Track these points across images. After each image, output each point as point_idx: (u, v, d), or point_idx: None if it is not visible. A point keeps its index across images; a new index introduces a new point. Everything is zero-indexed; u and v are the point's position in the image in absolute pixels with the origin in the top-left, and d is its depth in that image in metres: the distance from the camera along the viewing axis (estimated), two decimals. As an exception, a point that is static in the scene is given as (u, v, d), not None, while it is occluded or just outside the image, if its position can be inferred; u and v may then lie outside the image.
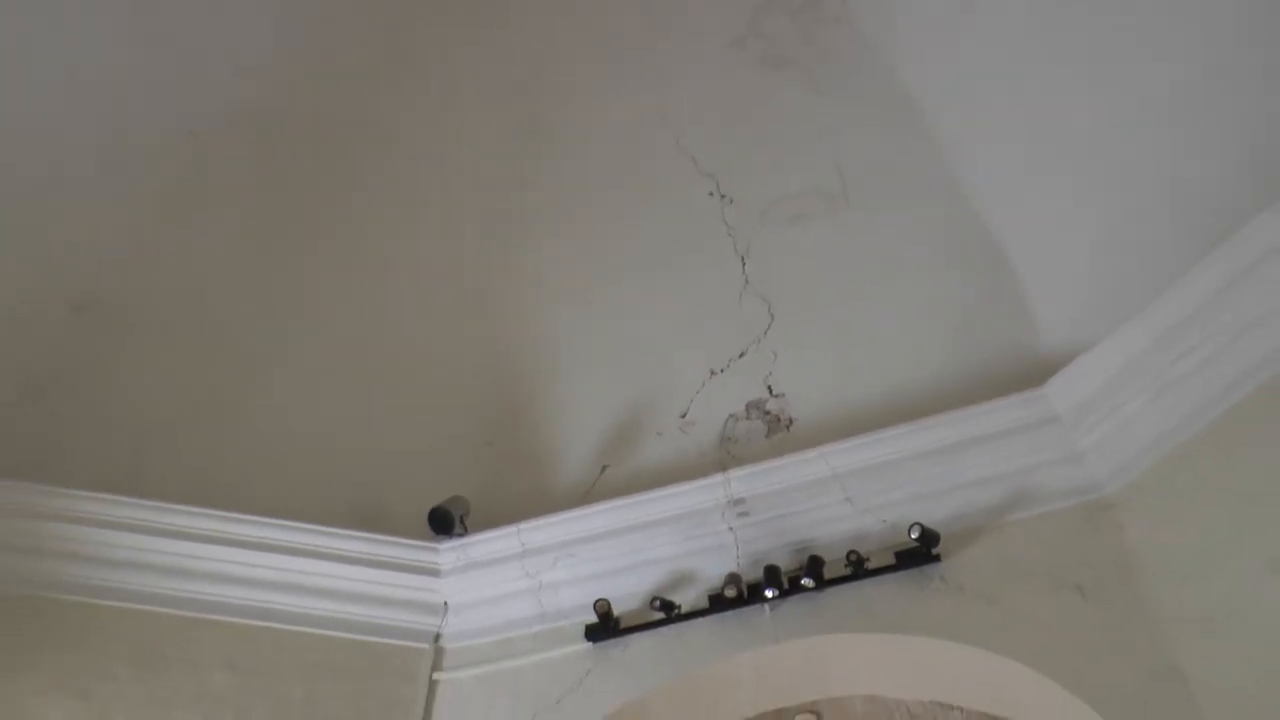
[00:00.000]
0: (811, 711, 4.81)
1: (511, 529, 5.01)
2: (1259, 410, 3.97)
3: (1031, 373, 4.57)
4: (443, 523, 5.00)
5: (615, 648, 4.70)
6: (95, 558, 4.86)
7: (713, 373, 5.38)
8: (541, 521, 5.00)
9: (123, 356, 5.24)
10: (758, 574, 4.55)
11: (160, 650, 4.74)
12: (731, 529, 4.77)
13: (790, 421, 5.11)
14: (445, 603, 5.03)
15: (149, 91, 5.00)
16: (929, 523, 4.38)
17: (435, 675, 4.86)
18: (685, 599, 4.70)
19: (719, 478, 4.83)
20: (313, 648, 4.84)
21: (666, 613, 4.63)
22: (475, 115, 5.82)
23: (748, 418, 5.21)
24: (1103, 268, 4.58)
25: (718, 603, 4.60)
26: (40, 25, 4.61)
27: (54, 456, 5.03)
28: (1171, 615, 3.94)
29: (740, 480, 4.80)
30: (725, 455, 5.09)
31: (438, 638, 4.98)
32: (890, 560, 4.44)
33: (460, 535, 5.06)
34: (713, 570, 4.73)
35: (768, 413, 5.18)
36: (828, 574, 4.48)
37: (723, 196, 5.63)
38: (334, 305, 5.65)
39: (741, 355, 5.37)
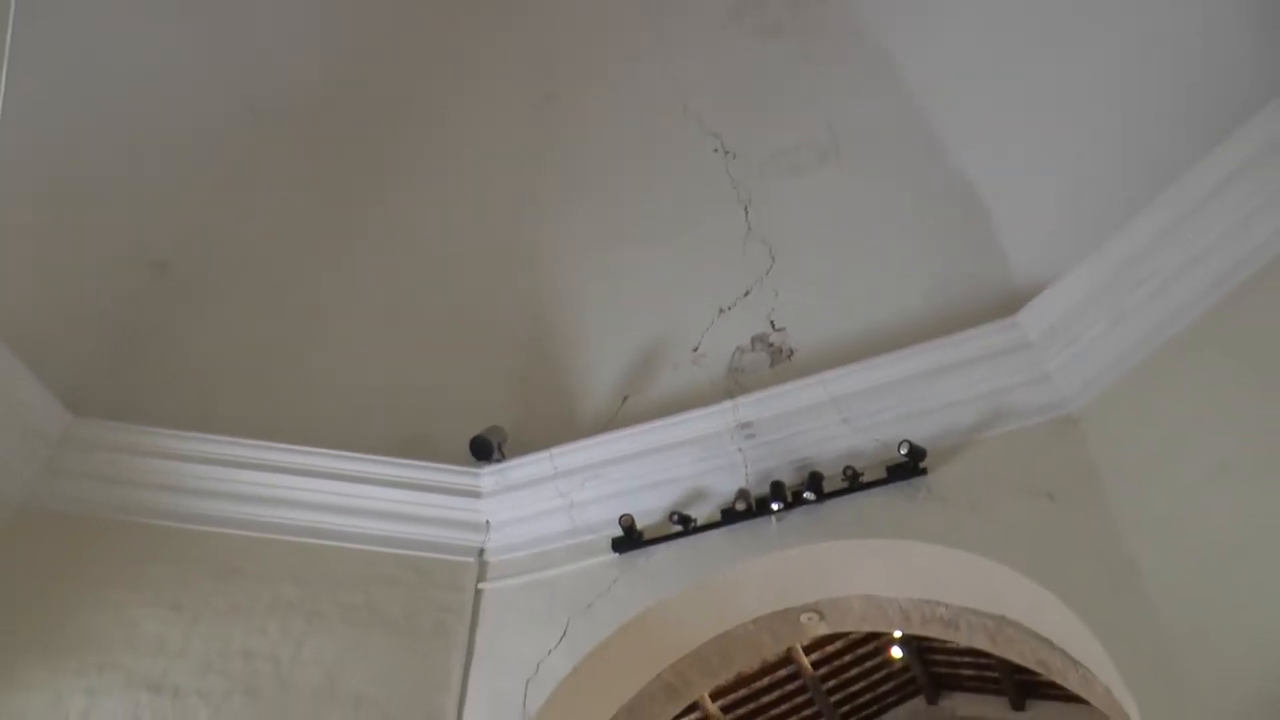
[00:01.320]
0: (814, 611, 5.28)
1: (544, 454, 5.43)
2: (1206, 333, 4.36)
3: (1005, 304, 4.95)
4: (483, 450, 5.42)
5: (639, 557, 5.14)
6: (180, 487, 5.43)
7: (721, 310, 5.77)
8: (571, 447, 5.41)
9: (196, 311, 5.77)
10: (764, 489, 4.95)
11: (238, 566, 5.31)
12: (740, 450, 5.19)
13: (791, 352, 5.50)
14: (487, 521, 5.49)
15: (214, 77, 5.45)
16: (916, 440, 4.79)
17: (480, 585, 5.34)
18: (700, 513, 5.11)
19: (728, 404, 5.22)
20: (370, 563, 5.37)
21: (684, 525, 5.06)
22: (503, 92, 6.21)
23: (753, 350, 5.60)
24: (1068, 208, 4.93)
25: (729, 516, 5.01)
26: (119, 24, 5.07)
27: (141, 399, 5.58)
28: (1130, 516, 4.35)
29: (747, 406, 5.20)
30: (733, 384, 5.48)
31: (481, 552, 5.46)
32: (882, 474, 4.84)
33: (499, 461, 5.48)
34: (724, 487, 5.14)
35: (771, 345, 5.57)
36: (827, 488, 4.88)
37: (726, 152, 5.99)
38: (383, 262, 6.13)
39: (746, 294, 5.75)
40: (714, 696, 9.15)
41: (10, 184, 4.98)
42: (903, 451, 4.75)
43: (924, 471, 4.80)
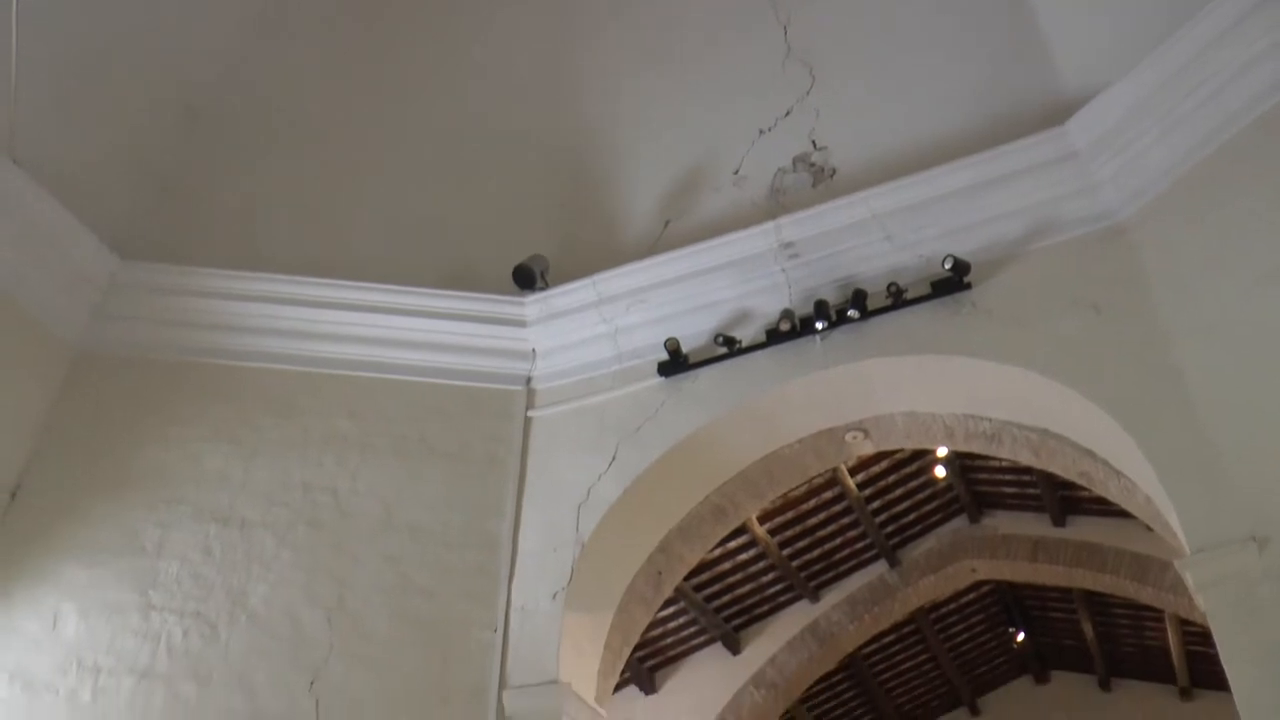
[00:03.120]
0: (859, 429, 5.35)
1: (588, 281, 5.44)
2: (1257, 140, 4.28)
3: (1052, 115, 4.82)
4: (526, 278, 5.45)
5: (685, 381, 5.19)
6: (230, 326, 5.55)
7: (761, 132, 5.67)
8: (614, 273, 5.42)
9: (234, 155, 5.79)
10: (808, 309, 4.97)
11: (293, 401, 5.46)
12: (783, 270, 5.17)
13: (834, 171, 5.42)
14: (533, 350, 5.55)
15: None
16: (960, 255, 4.76)
17: (529, 413, 5.44)
18: (745, 334, 5.15)
19: (770, 225, 5.18)
20: (422, 394, 5.47)
21: (729, 347, 5.10)
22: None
23: (794, 171, 5.52)
24: (1119, 13, 4.77)
25: (773, 336, 5.04)
26: None
27: (186, 242, 5.66)
28: (1176, 326, 4.34)
29: (790, 226, 5.16)
30: (775, 205, 5.42)
31: (529, 380, 5.54)
32: (926, 290, 4.84)
33: (542, 289, 5.51)
34: (768, 308, 5.15)
35: (812, 165, 5.48)
36: (870, 305, 4.89)
37: (765, -29, 5.80)
38: (420, 99, 6.08)
39: (787, 115, 5.63)
40: (761, 520, 9.35)
41: (42, 37, 4.95)
42: (947, 266, 4.73)
43: (968, 286, 4.79)
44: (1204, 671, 11.32)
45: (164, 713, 4.63)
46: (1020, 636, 12.47)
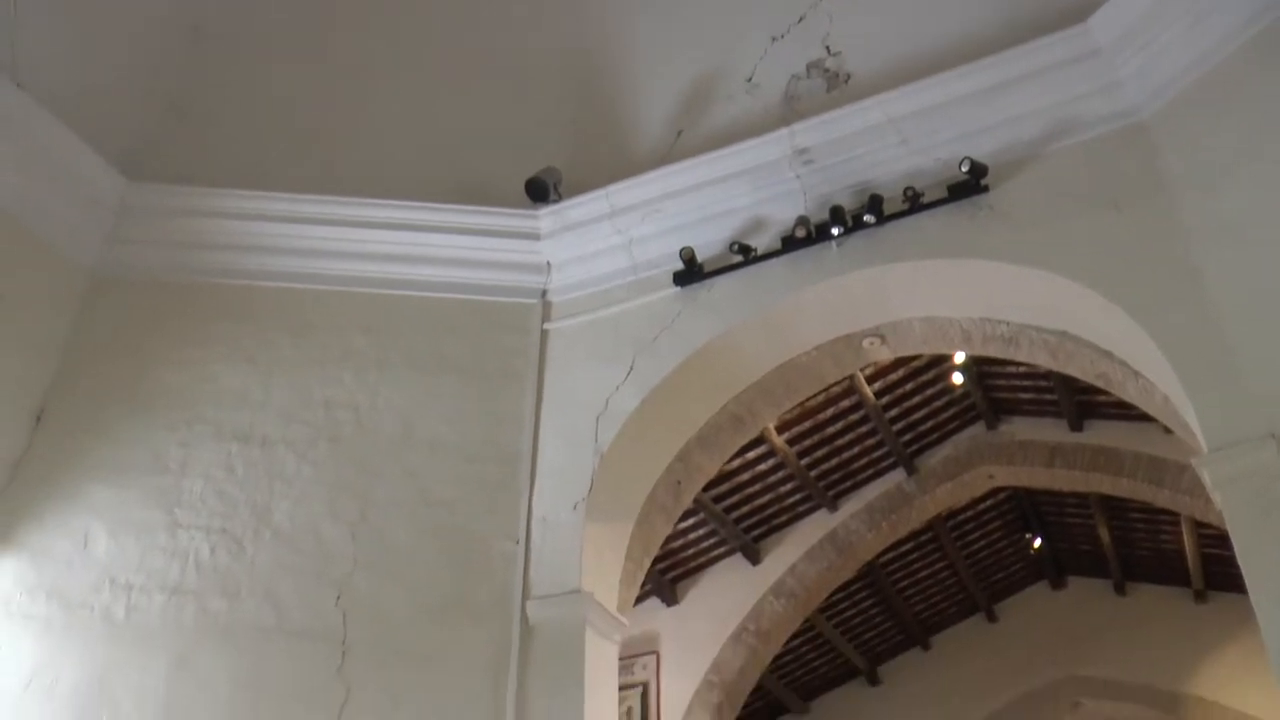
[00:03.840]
0: (875, 335, 5.34)
1: (601, 192, 5.40)
2: None
3: (1073, 13, 4.71)
4: (539, 191, 5.40)
5: (701, 290, 5.18)
6: (243, 246, 5.55)
7: (774, 39, 5.58)
8: (627, 184, 5.37)
9: (240, 73, 5.75)
10: (824, 215, 4.93)
11: (308, 319, 5.47)
12: (798, 176, 5.12)
13: (848, 77, 5.33)
14: (547, 263, 5.54)
15: None
16: (977, 157, 4.70)
17: (545, 326, 5.44)
18: (760, 242, 5.11)
19: (784, 131, 5.12)
20: (437, 310, 5.48)
21: (744, 255, 5.07)
22: None
23: (808, 77, 5.43)
24: None
25: (789, 243, 5.01)
26: None
27: (195, 163, 5.64)
28: (1198, 224, 4.30)
29: (804, 132, 5.10)
30: (789, 112, 5.33)
31: (544, 294, 5.53)
32: (943, 194, 4.79)
33: (555, 201, 5.47)
34: (783, 215, 5.10)
35: (827, 70, 5.39)
36: (887, 210, 4.84)
37: None
38: (433, 15, 6.01)
39: (800, 20, 5.54)
40: (780, 430, 9.38)
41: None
42: (964, 169, 4.68)
43: (986, 189, 4.74)
44: (1218, 574, 11.40)
45: (196, 627, 4.73)
46: (1037, 542, 12.54)
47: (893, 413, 9.86)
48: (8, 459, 5.07)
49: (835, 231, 4.89)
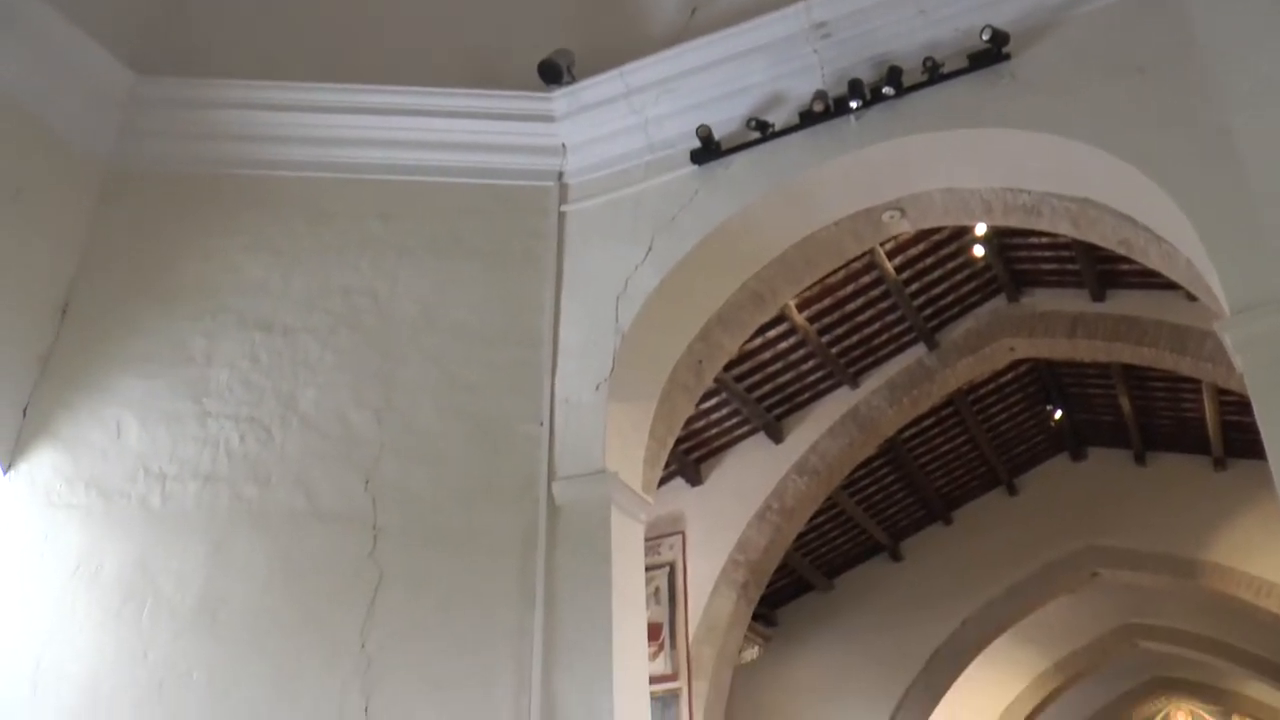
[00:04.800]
0: (895, 208, 5.29)
1: (615, 72, 5.32)
2: None
3: None
4: (551, 73, 5.33)
5: (719, 168, 5.13)
6: (257, 136, 5.54)
7: (788, -92, 5.42)
8: (642, 63, 5.29)
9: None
10: (842, 89, 4.86)
11: (325, 207, 5.48)
12: (815, 51, 5.03)
13: (865, -55, 5.20)
14: (563, 145, 5.48)
15: None
16: (999, 25, 4.60)
17: (563, 208, 5.41)
18: (778, 118, 5.05)
19: (801, 4, 5.01)
20: (454, 195, 5.46)
21: (761, 132, 5.02)
22: None
23: (824, -54, 5.30)
24: None
25: (807, 118, 4.95)
26: None
27: (206, 53, 5.59)
28: (1224, 86, 4.21)
29: (821, 5, 4.99)
30: None
31: (560, 176, 5.49)
32: (964, 64, 4.70)
33: (569, 83, 5.40)
34: (801, 90, 5.03)
35: (843, -61, 5.25)
36: (906, 81, 4.77)
37: None
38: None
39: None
40: (800, 308, 9.37)
41: None
42: (985, 38, 4.59)
43: (1007, 57, 4.66)
44: (1239, 441, 11.43)
45: (230, 513, 4.84)
46: (1058, 415, 12.57)
47: (913, 287, 9.82)
48: (37, 352, 5.15)
49: (854, 105, 4.83)
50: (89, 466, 4.97)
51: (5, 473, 4.99)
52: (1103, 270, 9.43)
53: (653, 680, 6.82)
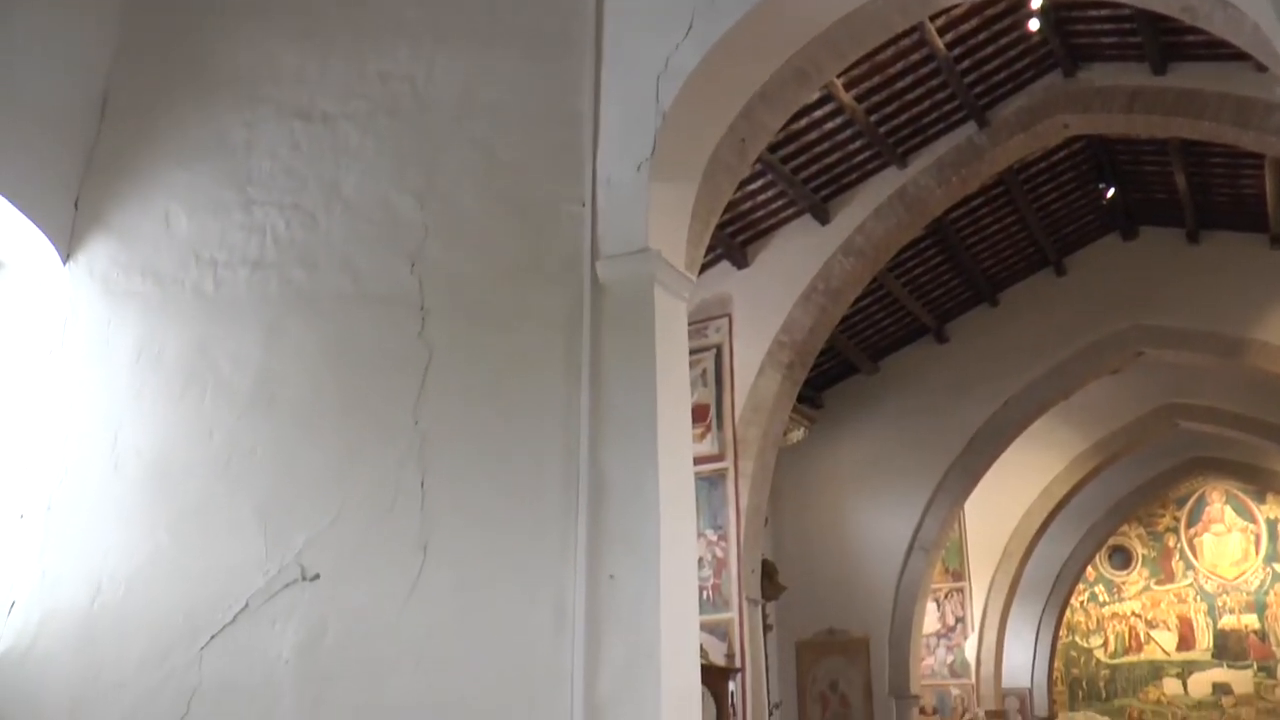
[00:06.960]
0: (947, -25, 5.10)
1: None
2: None
3: None
4: None
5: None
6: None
7: None
8: None
9: None
10: None
11: (360, -12, 5.34)
12: None
13: None
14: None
15: None
16: None
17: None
18: (822, -120, 4.83)
19: None
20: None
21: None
22: None
23: None
24: None
25: (853, -121, 4.74)
26: None
27: None
28: None
29: None
30: None
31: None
32: None
33: None
34: None
35: None
36: None
37: None
38: None
39: None
40: (847, 87, 9.13)
41: None
42: None
43: None
44: (1299, 218, 11.26)
45: (280, 298, 4.96)
46: (1110, 193, 12.34)
47: (964, 64, 9.53)
48: (83, 145, 5.20)
49: None
50: (142, 255, 5.09)
51: (65, 263, 5.13)
52: (1166, 42, 9.07)
53: (700, 460, 7.06)
